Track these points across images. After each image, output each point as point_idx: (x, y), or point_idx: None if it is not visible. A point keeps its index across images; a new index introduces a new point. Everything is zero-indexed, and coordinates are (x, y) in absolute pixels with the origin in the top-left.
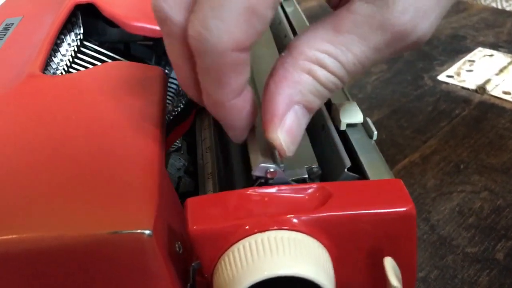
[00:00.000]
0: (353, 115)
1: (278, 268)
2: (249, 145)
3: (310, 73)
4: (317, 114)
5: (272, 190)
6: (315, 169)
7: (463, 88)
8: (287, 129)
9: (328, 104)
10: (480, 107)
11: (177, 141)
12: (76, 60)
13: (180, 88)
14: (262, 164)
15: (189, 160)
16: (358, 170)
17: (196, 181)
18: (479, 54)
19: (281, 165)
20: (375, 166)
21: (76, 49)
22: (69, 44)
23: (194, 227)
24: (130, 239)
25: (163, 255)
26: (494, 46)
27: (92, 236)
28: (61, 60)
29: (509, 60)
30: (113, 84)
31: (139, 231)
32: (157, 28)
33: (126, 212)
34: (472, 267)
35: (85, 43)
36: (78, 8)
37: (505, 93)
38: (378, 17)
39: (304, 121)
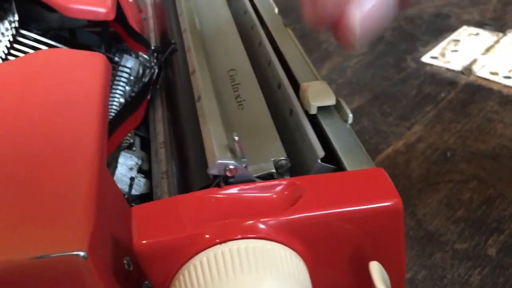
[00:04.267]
0: (324, 97)
1: None
2: (204, 138)
3: None
4: (282, 97)
5: (234, 190)
6: (283, 162)
7: (448, 69)
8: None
9: (295, 85)
10: (466, 90)
11: (129, 136)
12: (12, 52)
13: (132, 77)
14: (219, 161)
15: (143, 158)
16: (333, 160)
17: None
18: (464, 33)
19: (243, 160)
20: (352, 154)
21: (11, 39)
22: (2, 33)
23: (141, 241)
24: (60, 264)
25: (103, 279)
26: (480, 24)
27: (11, 262)
28: None
29: (495, 38)
30: (44, 73)
31: (71, 253)
32: (101, 9)
33: (54, 230)
34: (463, 266)
35: (23, 31)
36: None
37: (492, 73)
38: None
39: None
